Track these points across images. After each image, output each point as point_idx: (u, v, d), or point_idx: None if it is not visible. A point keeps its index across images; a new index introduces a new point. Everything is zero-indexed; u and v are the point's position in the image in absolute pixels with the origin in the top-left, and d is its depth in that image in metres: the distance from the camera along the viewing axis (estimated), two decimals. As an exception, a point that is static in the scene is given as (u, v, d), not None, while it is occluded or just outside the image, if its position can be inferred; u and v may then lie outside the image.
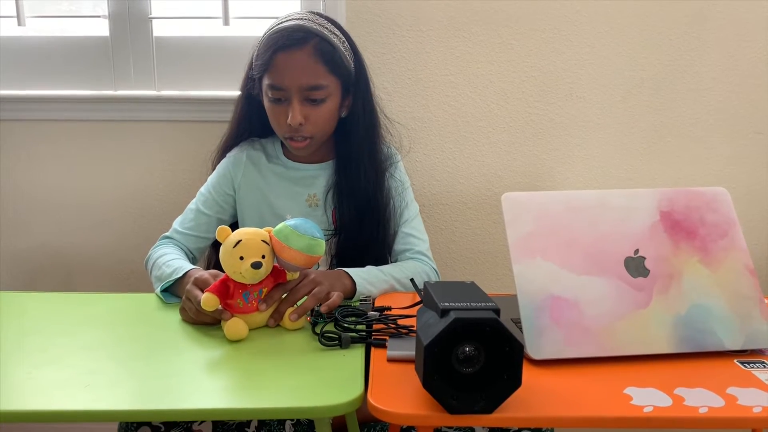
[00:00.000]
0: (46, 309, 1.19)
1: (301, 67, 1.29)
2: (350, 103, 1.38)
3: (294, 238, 1.07)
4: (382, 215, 1.38)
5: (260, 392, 0.90)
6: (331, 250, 1.38)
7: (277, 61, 1.29)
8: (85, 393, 0.89)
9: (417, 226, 1.42)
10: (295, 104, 1.30)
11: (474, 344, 0.81)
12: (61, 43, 1.73)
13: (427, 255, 1.39)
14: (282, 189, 1.41)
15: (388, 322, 1.06)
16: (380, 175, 1.39)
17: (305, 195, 1.41)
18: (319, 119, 1.32)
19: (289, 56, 1.29)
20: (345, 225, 1.38)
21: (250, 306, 1.08)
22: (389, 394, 0.86)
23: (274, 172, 1.42)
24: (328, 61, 1.30)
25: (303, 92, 1.30)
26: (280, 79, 1.29)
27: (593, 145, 1.75)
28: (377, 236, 1.37)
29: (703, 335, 0.99)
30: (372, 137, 1.40)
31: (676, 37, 1.69)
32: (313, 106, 1.31)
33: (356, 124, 1.38)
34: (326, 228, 1.39)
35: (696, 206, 1.07)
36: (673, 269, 1.02)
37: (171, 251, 1.33)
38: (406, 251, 1.39)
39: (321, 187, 1.41)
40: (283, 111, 1.31)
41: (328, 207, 1.39)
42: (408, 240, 1.39)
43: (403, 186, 1.43)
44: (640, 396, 0.86)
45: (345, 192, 1.38)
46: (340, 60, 1.32)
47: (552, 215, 1.04)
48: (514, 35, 1.69)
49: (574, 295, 0.98)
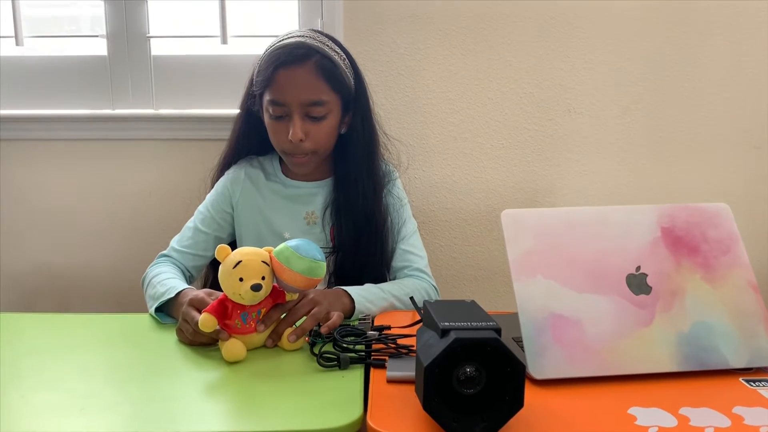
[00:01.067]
0: (42, 330, 1.17)
1: (303, 83, 1.29)
2: (350, 120, 1.38)
3: (295, 260, 1.06)
4: (380, 232, 1.37)
5: (258, 416, 0.89)
6: (329, 267, 1.37)
7: (279, 77, 1.29)
8: (79, 417, 0.87)
9: (415, 243, 1.41)
10: (296, 120, 1.29)
11: (475, 365, 0.80)
12: (59, 62, 1.73)
13: (425, 272, 1.39)
14: (280, 207, 1.41)
15: (388, 341, 1.05)
16: (378, 192, 1.38)
17: (303, 212, 1.40)
18: (320, 135, 1.32)
19: (291, 72, 1.29)
20: (343, 242, 1.37)
21: (248, 327, 1.07)
22: (389, 417, 0.85)
23: (272, 189, 1.42)
24: (329, 77, 1.30)
25: (304, 108, 1.29)
26: (281, 95, 1.29)
27: (592, 161, 1.74)
28: (375, 253, 1.37)
29: (707, 353, 0.97)
30: (371, 154, 1.39)
31: (674, 52, 1.69)
32: (313, 123, 1.31)
33: (355, 141, 1.37)
34: (324, 245, 1.38)
35: (697, 222, 1.07)
36: (676, 286, 1.01)
37: (167, 270, 1.32)
38: (405, 268, 1.38)
39: (319, 205, 1.40)
40: (284, 127, 1.31)
41: (326, 224, 1.39)
42: (406, 257, 1.39)
43: (401, 203, 1.42)
44: (645, 416, 0.85)
45: (343, 209, 1.37)
46: (340, 76, 1.32)
47: (552, 232, 1.03)
48: (511, 52, 1.69)
49: (575, 313, 0.97)
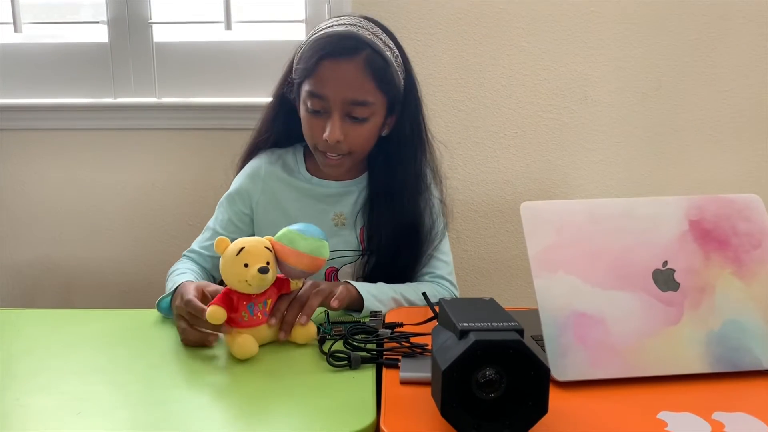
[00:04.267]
0: (40, 328, 1.13)
1: (348, 79, 1.18)
2: (393, 122, 1.27)
3: (300, 240, 1.03)
4: (420, 240, 1.27)
5: (265, 420, 0.85)
6: (356, 271, 1.29)
7: (322, 68, 1.18)
8: (76, 421, 0.83)
9: (443, 248, 1.31)
10: (336, 119, 1.19)
11: (496, 368, 0.75)
12: (59, 50, 1.69)
13: (448, 279, 1.30)
14: (305, 206, 1.30)
15: (401, 340, 1.00)
16: (425, 200, 1.28)
17: (331, 213, 1.30)
18: (359, 138, 1.22)
19: (336, 66, 1.18)
20: (379, 247, 1.27)
21: (255, 319, 1.02)
22: (404, 421, 0.80)
23: (296, 187, 1.31)
24: (378, 76, 1.19)
25: (346, 107, 1.19)
26: (323, 88, 1.18)
27: (609, 151, 1.69)
28: (413, 259, 1.28)
29: (739, 353, 0.92)
30: (418, 161, 1.29)
31: (695, 37, 1.63)
32: (354, 124, 1.20)
33: (401, 146, 1.27)
34: (354, 249, 1.29)
35: (727, 214, 1.01)
36: (705, 282, 0.96)
37: (183, 266, 1.25)
38: (427, 274, 1.29)
39: (349, 206, 1.30)
40: (321, 124, 1.21)
41: (357, 226, 1.29)
42: (431, 263, 1.29)
43: (439, 205, 1.33)
44: (676, 422, 0.80)
45: (381, 213, 1.26)
46: (391, 76, 1.21)
47: (574, 225, 0.97)
48: (525, 37, 1.63)
49: (599, 311, 0.92)
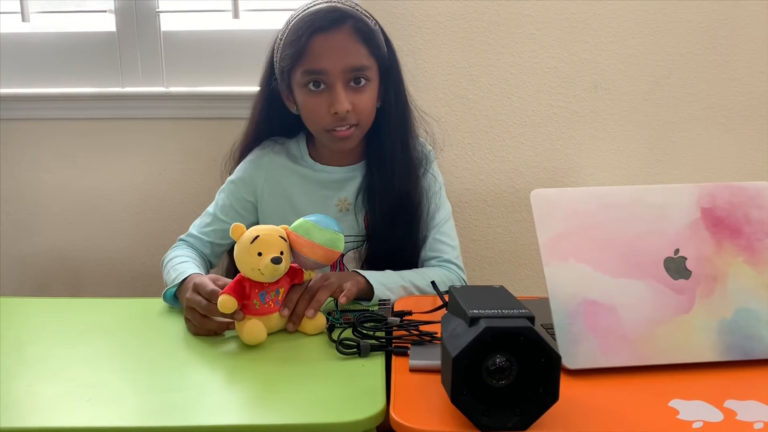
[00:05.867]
0: (49, 316, 1.13)
1: (343, 47, 1.19)
2: (383, 93, 1.28)
3: (315, 231, 1.03)
4: (414, 216, 1.28)
5: (275, 407, 0.85)
6: (361, 256, 1.29)
7: (315, 44, 1.19)
8: (86, 408, 0.83)
9: (447, 231, 1.32)
10: (339, 89, 1.20)
11: (506, 355, 0.74)
12: (66, 39, 1.68)
13: (455, 263, 1.29)
14: (309, 193, 1.31)
15: (410, 328, 1.00)
16: (414, 172, 1.29)
17: (335, 199, 1.31)
18: (365, 106, 1.23)
19: (328, 38, 1.19)
20: (377, 228, 1.28)
21: (267, 307, 1.02)
22: (414, 408, 0.80)
23: (300, 174, 1.32)
24: (367, 41, 1.21)
25: (347, 75, 1.20)
26: (320, 62, 1.19)
27: (619, 139, 1.67)
28: (410, 239, 1.28)
29: (751, 342, 0.91)
30: (405, 131, 1.30)
31: (707, 24, 1.61)
32: (357, 92, 1.22)
33: (389, 117, 1.28)
34: (358, 234, 1.30)
35: (739, 202, 1.00)
36: (717, 270, 0.95)
37: (182, 254, 1.25)
38: (433, 259, 1.29)
39: (352, 191, 1.31)
40: (324, 101, 1.21)
41: (360, 211, 1.30)
42: (436, 246, 1.29)
43: (437, 185, 1.33)
44: (688, 409, 0.79)
45: (378, 192, 1.27)
46: (378, 42, 1.24)
47: (585, 213, 0.96)
48: (535, 24, 1.61)
49: (610, 299, 0.91)
